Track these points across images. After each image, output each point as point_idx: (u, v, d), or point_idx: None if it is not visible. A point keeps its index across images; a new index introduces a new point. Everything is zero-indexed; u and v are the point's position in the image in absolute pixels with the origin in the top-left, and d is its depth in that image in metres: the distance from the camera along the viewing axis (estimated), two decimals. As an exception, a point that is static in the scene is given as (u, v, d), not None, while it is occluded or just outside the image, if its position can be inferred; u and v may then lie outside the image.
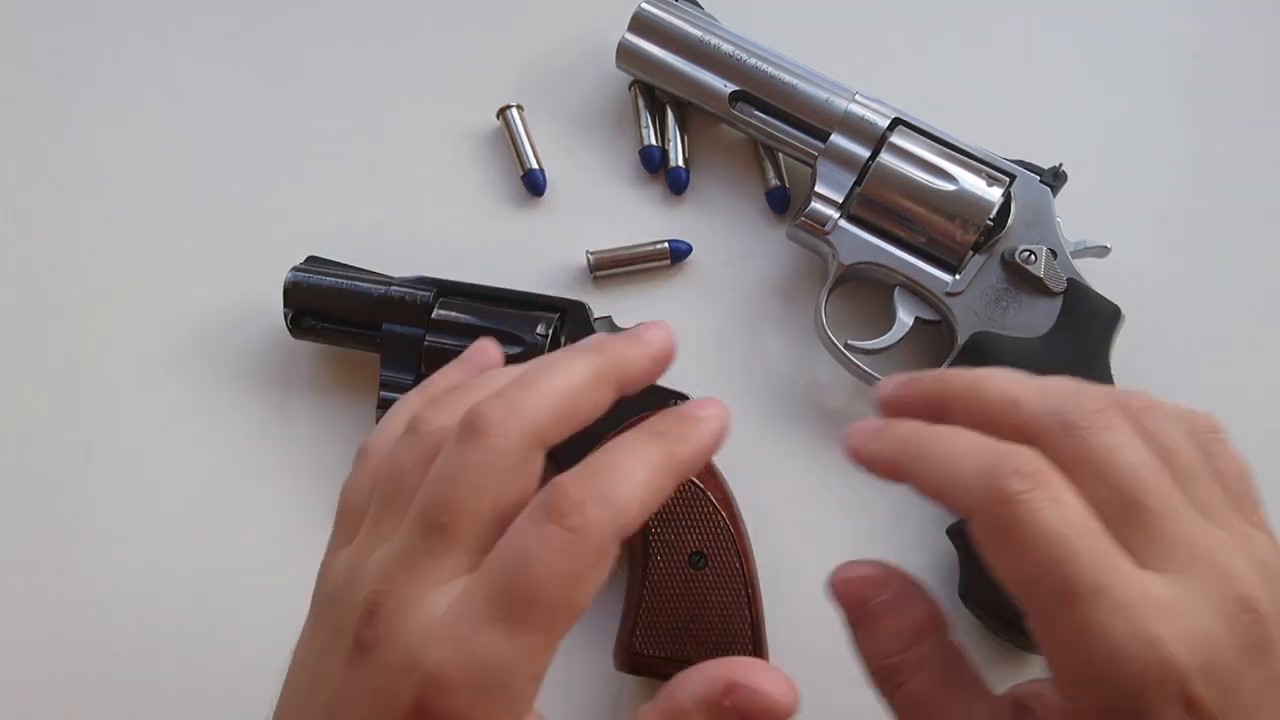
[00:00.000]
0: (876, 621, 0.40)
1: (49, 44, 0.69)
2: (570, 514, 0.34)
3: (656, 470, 0.37)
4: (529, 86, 0.67)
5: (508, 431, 0.36)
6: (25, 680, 0.58)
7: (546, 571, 0.34)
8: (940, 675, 0.39)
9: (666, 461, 0.37)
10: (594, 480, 0.36)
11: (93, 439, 0.62)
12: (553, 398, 0.37)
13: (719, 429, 0.39)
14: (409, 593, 0.35)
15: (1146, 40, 0.68)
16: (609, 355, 0.40)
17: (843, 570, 0.42)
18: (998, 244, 0.58)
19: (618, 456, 0.37)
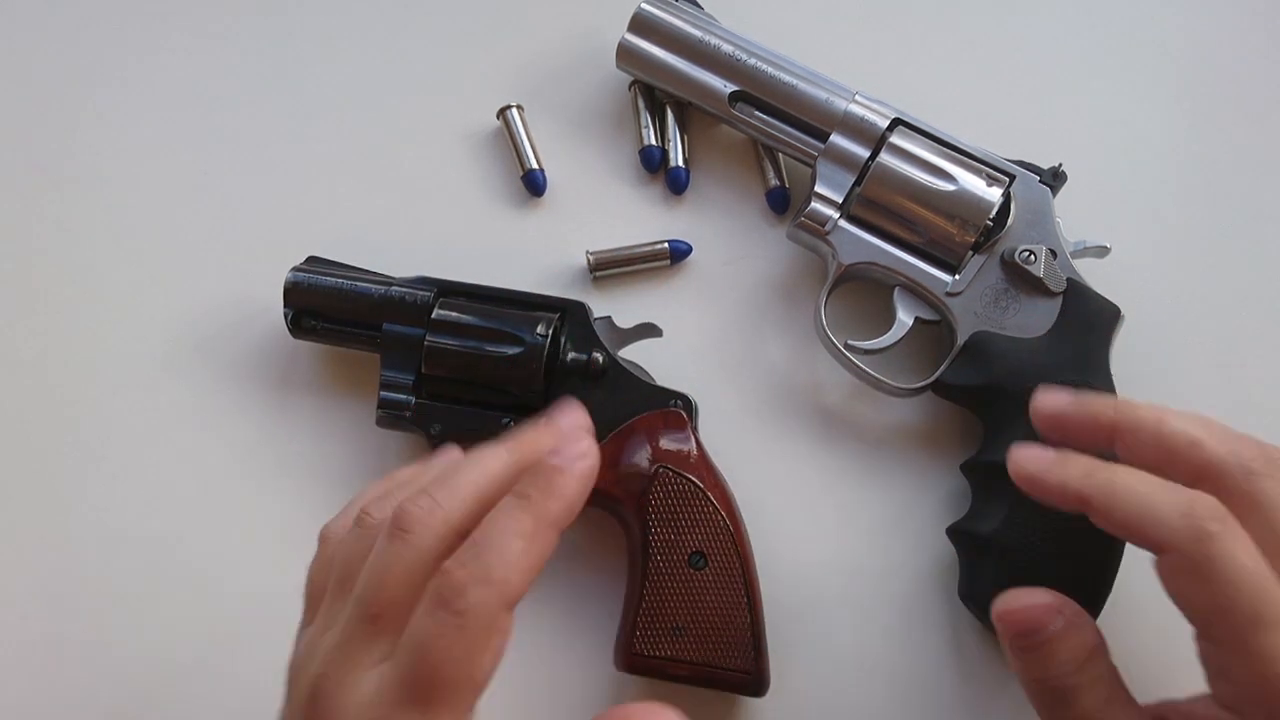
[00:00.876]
0: (1053, 646, 0.43)
1: (49, 44, 0.69)
2: (454, 600, 0.39)
3: (531, 537, 0.41)
4: (529, 86, 0.67)
5: (428, 528, 0.41)
6: (25, 680, 0.58)
7: (442, 655, 0.39)
8: (1107, 693, 0.43)
9: (538, 525, 0.42)
10: (473, 563, 0.40)
11: (93, 439, 0.62)
12: (467, 494, 0.43)
13: (584, 471, 0.43)
14: (345, 676, 0.40)
15: (1146, 40, 0.68)
16: (522, 447, 0.45)
17: (1010, 600, 0.45)
18: (997, 244, 0.58)
19: (492, 534, 0.41)
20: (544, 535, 0.42)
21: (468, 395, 0.57)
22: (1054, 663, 0.43)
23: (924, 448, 0.61)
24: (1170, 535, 0.41)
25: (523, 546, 0.41)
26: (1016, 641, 0.44)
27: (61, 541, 0.60)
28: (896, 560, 0.60)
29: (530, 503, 0.42)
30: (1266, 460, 0.42)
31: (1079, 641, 0.43)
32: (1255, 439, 0.44)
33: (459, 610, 0.39)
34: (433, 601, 0.40)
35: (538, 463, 0.43)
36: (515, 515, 0.42)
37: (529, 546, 0.41)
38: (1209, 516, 0.40)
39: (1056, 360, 0.56)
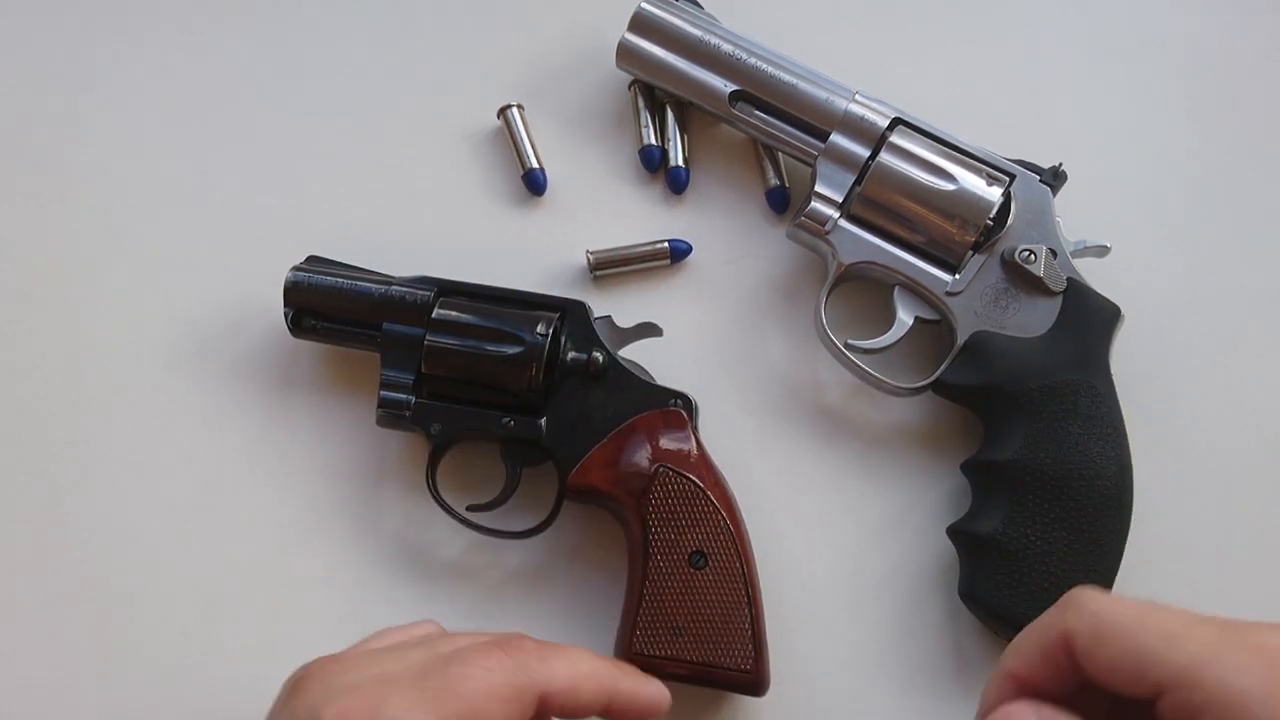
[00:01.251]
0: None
1: (49, 45, 0.69)
2: (516, 651, 0.43)
3: (595, 675, 0.46)
4: (529, 86, 0.67)
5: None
6: (25, 679, 0.58)
7: (476, 675, 0.41)
8: None
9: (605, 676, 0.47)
10: (547, 646, 0.44)
11: (93, 438, 0.62)
12: None
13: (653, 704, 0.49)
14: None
15: (1146, 40, 0.68)
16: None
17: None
18: (997, 243, 0.58)
19: (576, 650, 0.47)
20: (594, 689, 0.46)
21: (468, 395, 0.57)
22: None
23: (924, 448, 0.61)
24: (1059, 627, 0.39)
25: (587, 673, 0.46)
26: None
27: (61, 540, 0.60)
28: (896, 560, 0.60)
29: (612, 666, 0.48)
30: None
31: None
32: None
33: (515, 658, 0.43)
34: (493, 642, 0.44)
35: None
36: (600, 659, 0.47)
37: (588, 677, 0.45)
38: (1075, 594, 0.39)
39: (1056, 360, 0.56)
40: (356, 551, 0.60)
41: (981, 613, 0.56)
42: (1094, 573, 0.53)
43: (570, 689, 0.44)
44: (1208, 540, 0.60)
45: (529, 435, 0.56)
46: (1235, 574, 0.59)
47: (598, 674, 0.46)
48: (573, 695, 0.44)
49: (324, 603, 0.59)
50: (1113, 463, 0.55)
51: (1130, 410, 0.57)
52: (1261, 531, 0.60)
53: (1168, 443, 0.60)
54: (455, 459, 0.60)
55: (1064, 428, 0.55)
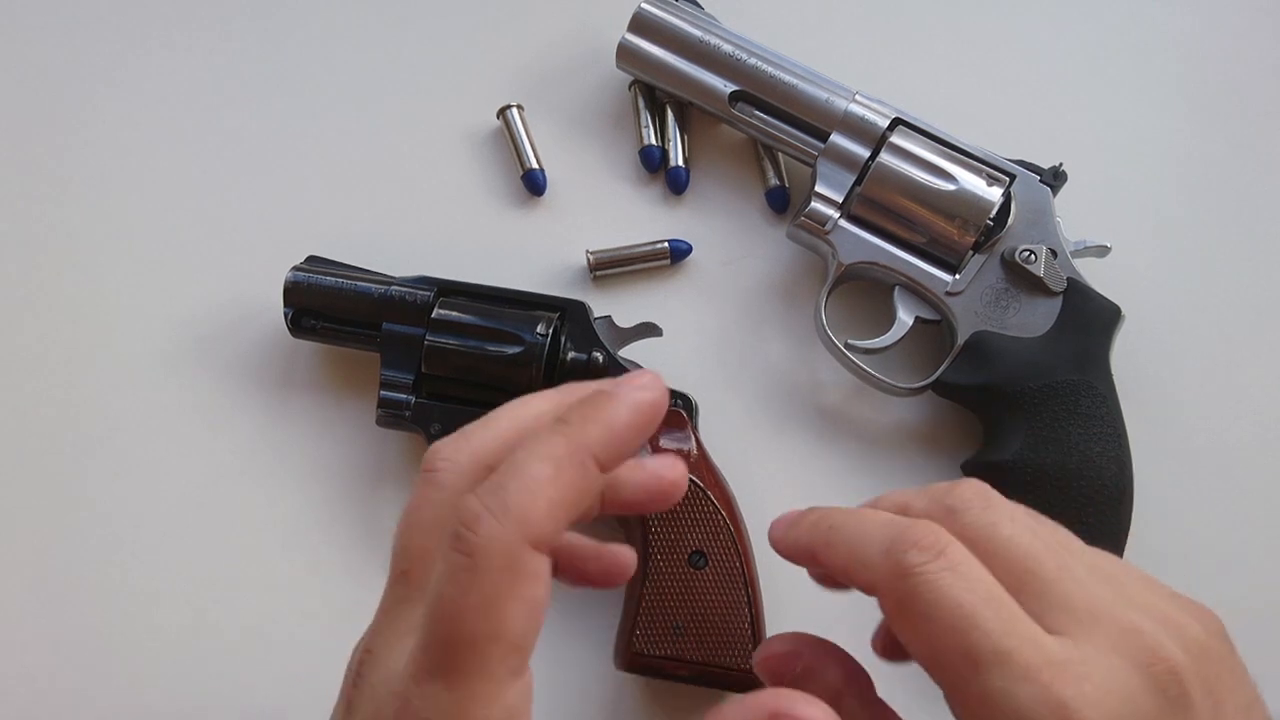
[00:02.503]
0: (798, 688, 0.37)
1: (49, 45, 0.69)
2: (466, 535, 0.32)
3: (560, 463, 0.34)
4: (529, 86, 0.67)
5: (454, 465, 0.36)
6: (25, 679, 0.58)
7: (456, 605, 0.32)
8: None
9: (571, 450, 0.34)
10: (490, 493, 0.33)
11: (93, 438, 0.62)
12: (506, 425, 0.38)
13: (639, 402, 0.36)
14: (382, 648, 0.35)
15: (1147, 40, 0.68)
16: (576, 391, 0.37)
17: (761, 650, 0.42)
18: (998, 243, 0.58)
19: (515, 459, 0.34)
20: (577, 463, 0.34)
21: (468, 395, 0.57)
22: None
23: (924, 448, 0.61)
24: (875, 574, 0.36)
25: (549, 473, 0.33)
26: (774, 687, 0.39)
27: (61, 540, 0.60)
28: (897, 560, 0.60)
29: (566, 426, 0.35)
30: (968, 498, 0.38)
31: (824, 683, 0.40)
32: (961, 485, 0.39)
33: (470, 548, 0.32)
34: (447, 543, 0.33)
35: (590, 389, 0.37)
36: (545, 439, 0.34)
37: (556, 474, 0.33)
38: (913, 548, 0.35)
39: (1057, 360, 0.56)
40: (356, 551, 0.60)
41: (982, 613, 0.56)
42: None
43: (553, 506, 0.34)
44: (1208, 540, 0.60)
45: (529, 435, 0.56)
46: (1235, 573, 0.59)
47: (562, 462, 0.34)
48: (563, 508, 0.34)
49: (323, 602, 0.59)
50: (1113, 463, 0.55)
51: (1130, 410, 0.57)
52: (1261, 531, 0.60)
53: (1168, 443, 0.60)
54: (455, 459, 0.60)
55: (1064, 428, 0.55)
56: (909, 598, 0.35)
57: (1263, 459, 0.61)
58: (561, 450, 0.34)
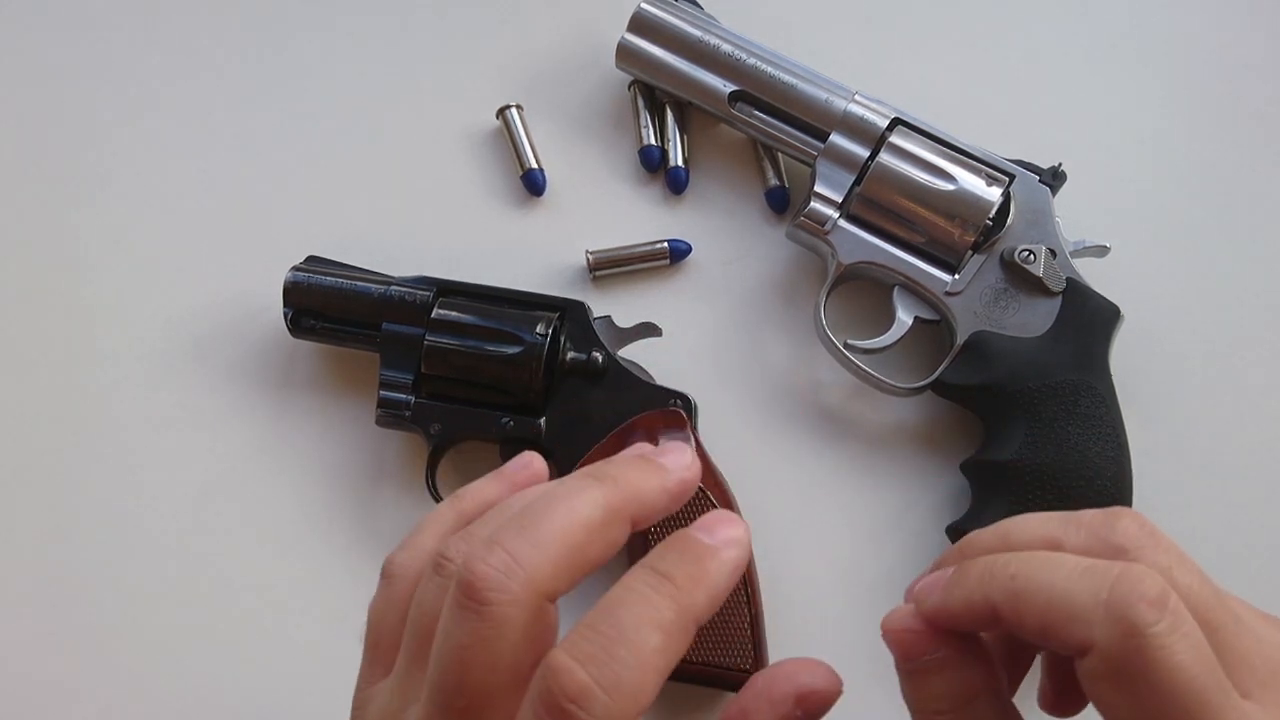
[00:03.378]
0: (928, 676, 0.37)
1: (50, 45, 0.69)
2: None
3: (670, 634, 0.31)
4: (529, 86, 0.67)
5: (509, 598, 0.32)
6: (25, 678, 0.58)
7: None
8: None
9: (681, 620, 0.32)
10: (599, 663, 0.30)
11: (92, 438, 0.62)
12: (556, 548, 0.32)
13: (737, 564, 0.34)
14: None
15: (1147, 41, 0.68)
16: (622, 489, 0.34)
17: (898, 616, 0.38)
18: (997, 244, 0.58)
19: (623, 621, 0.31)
20: (683, 636, 0.32)
21: (467, 395, 0.57)
22: (928, 693, 0.37)
23: (924, 447, 0.61)
24: (1090, 632, 0.32)
25: (660, 644, 0.31)
26: (900, 661, 0.38)
27: (61, 540, 0.60)
28: (896, 560, 0.60)
29: (675, 588, 0.32)
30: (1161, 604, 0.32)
31: (956, 679, 0.36)
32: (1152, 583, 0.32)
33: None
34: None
35: (684, 537, 0.34)
36: (655, 602, 0.32)
37: (666, 646, 0.31)
38: (1141, 602, 0.31)
39: (1056, 360, 0.56)
40: (356, 551, 0.60)
41: (981, 613, 0.56)
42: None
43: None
44: (1207, 540, 0.59)
45: (528, 435, 0.56)
46: (1235, 574, 0.59)
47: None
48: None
49: (323, 602, 0.59)
50: (1112, 463, 0.55)
51: (1130, 410, 0.57)
52: (1261, 531, 0.60)
53: (1168, 443, 0.60)
54: (455, 459, 0.60)
55: (1064, 428, 0.55)
56: (1136, 660, 0.31)
57: (1263, 459, 0.61)
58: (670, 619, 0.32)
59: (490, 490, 0.40)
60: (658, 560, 0.33)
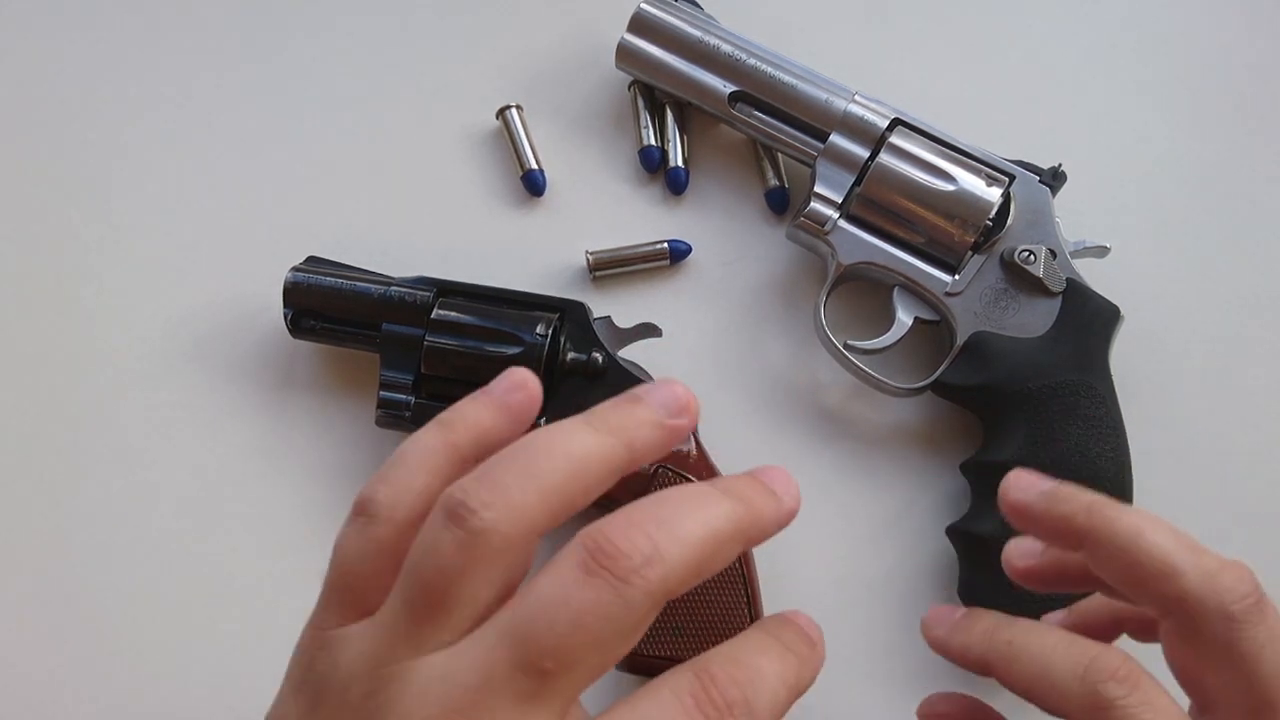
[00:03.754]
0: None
1: (49, 45, 0.69)
2: (621, 564, 0.30)
3: (721, 530, 0.33)
4: (529, 86, 0.67)
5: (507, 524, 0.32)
6: (25, 678, 0.58)
7: (585, 635, 0.30)
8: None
9: (733, 525, 0.33)
10: (648, 527, 0.31)
11: (92, 438, 0.62)
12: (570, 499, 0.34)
13: (792, 510, 0.37)
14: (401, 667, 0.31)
15: (1147, 40, 0.68)
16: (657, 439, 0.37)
17: (929, 705, 0.43)
18: (997, 244, 0.58)
19: (681, 502, 0.32)
20: (734, 540, 0.33)
21: (468, 395, 0.57)
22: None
23: (924, 448, 0.61)
24: (1066, 702, 0.36)
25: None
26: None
27: (61, 540, 0.60)
28: (896, 560, 0.60)
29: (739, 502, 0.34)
30: (1252, 603, 0.36)
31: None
32: (1244, 570, 0.37)
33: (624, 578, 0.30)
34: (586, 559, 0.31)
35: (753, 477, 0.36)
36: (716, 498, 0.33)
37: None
38: (1110, 679, 0.35)
39: (1056, 360, 0.56)
40: (356, 552, 0.60)
41: (981, 613, 0.56)
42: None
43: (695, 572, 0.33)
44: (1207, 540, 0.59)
45: (528, 435, 0.56)
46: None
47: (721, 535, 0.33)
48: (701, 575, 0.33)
49: (324, 603, 0.59)
50: (1112, 463, 0.55)
51: (1130, 410, 0.57)
52: (1261, 531, 0.60)
53: (1167, 443, 0.60)
54: (455, 459, 0.60)
55: (1064, 428, 0.55)
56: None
57: (1262, 459, 0.61)
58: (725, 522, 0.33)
59: (485, 418, 0.38)
60: (727, 481, 0.35)
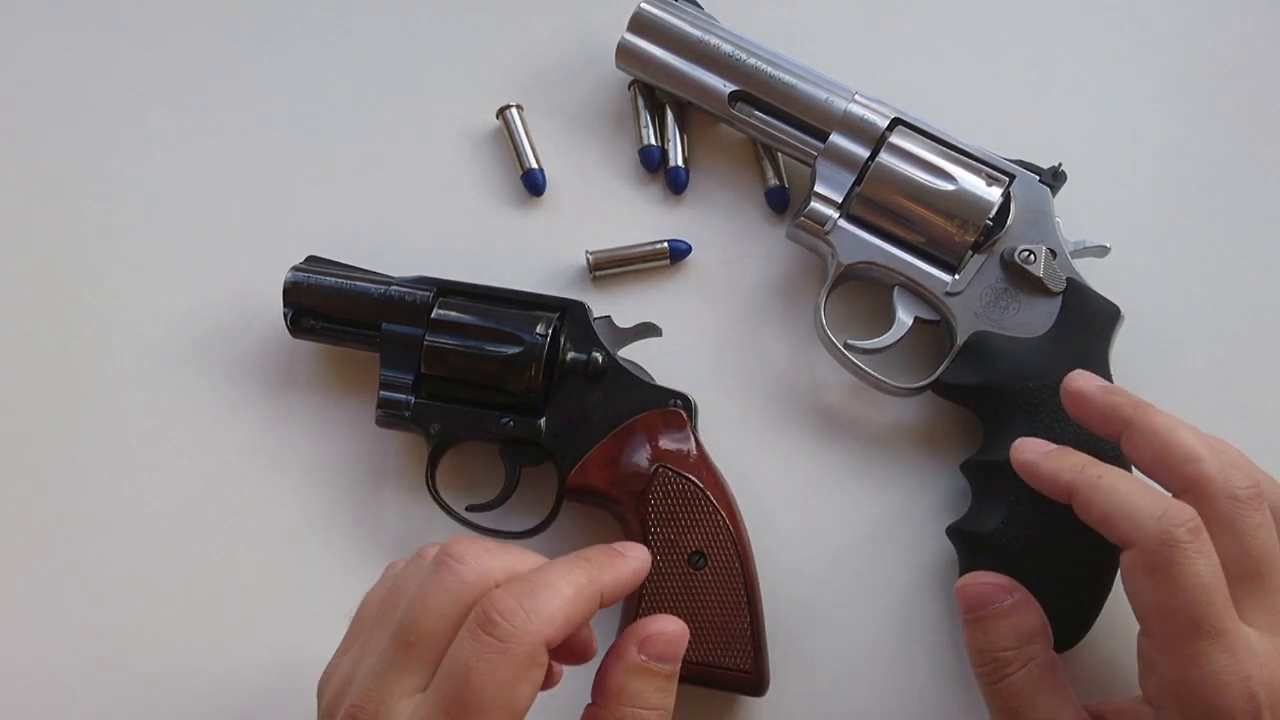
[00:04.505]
0: (997, 620, 0.48)
1: (49, 45, 0.69)
2: (500, 623, 0.41)
3: (580, 590, 0.43)
4: (529, 86, 0.67)
5: (476, 561, 0.43)
6: (25, 678, 0.58)
7: (486, 678, 0.40)
8: (1039, 676, 0.47)
9: (589, 584, 0.44)
10: (523, 593, 0.42)
11: (93, 438, 0.62)
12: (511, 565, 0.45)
13: (640, 568, 0.48)
14: (380, 706, 0.41)
15: (1146, 41, 0.68)
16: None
17: (971, 577, 0.50)
18: (997, 244, 0.58)
19: (548, 574, 0.43)
20: (590, 597, 0.44)
21: (467, 395, 0.57)
22: (995, 634, 0.48)
23: (924, 448, 0.61)
24: (1139, 533, 0.44)
25: (572, 595, 0.43)
26: (967, 613, 0.49)
27: (61, 539, 0.60)
28: (896, 560, 0.60)
29: (588, 564, 0.45)
30: (1255, 492, 0.45)
31: (1021, 622, 0.48)
32: (1256, 470, 0.47)
33: (504, 635, 0.40)
34: (478, 624, 0.41)
35: (604, 546, 0.48)
36: (574, 567, 0.44)
37: (576, 596, 0.43)
38: (1181, 524, 0.44)
39: (1056, 360, 0.56)
40: (356, 551, 0.60)
41: (981, 613, 0.56)
42: (1093, 572, 0.53)
43: (566, 622, 0.43)
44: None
45: (528, 435, 0.56)
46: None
47: (581, 589, 0.44)
48: (571, 623, 0.43)
49: (323, 602, 0.59)
50: (1113, 463, 0.55)
51: (1130, 410, 0.57)
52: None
53: (1168, 443, 0.60)
54: (455, 459, 0.60)
55: (1064, 428, 0.55)
56: (1167, 563, 0.43)
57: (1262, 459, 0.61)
58: (583, 583, 0.44)
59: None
60: (582, 551, 0.46)
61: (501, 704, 0.40)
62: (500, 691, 0.40)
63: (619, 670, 0.45)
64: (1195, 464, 0.46)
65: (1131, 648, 0.48)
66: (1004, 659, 0.48)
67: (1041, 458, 0.50)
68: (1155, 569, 0.43)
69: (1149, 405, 0.49)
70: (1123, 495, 0.46)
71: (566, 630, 0.43)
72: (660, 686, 0.46)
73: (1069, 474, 0.49)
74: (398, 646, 0.42)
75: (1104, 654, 0.56)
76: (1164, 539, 0.43)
